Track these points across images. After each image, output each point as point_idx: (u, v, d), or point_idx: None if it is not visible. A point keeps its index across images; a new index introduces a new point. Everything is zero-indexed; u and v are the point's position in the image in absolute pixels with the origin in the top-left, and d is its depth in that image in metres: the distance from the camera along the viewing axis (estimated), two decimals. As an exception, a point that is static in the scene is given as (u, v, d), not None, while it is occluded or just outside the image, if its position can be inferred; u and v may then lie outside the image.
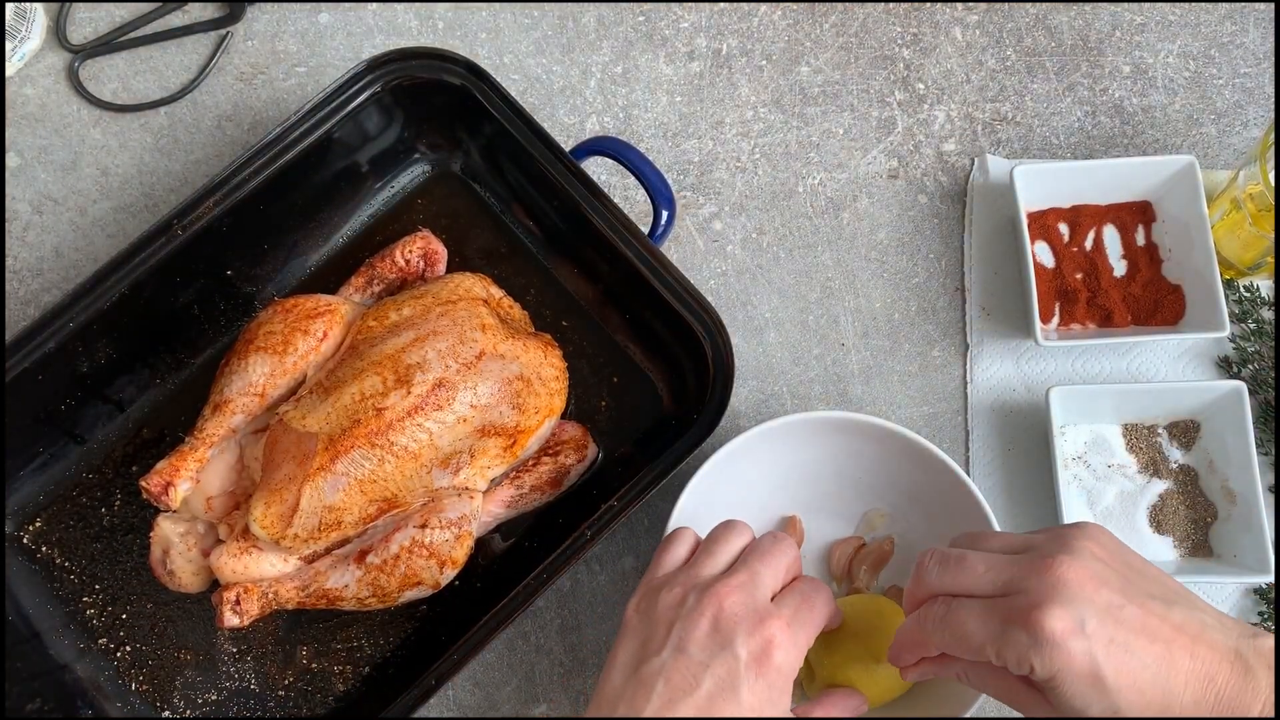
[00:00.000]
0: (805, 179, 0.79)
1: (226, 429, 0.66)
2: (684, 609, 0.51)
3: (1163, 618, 0.46)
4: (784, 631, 0.50)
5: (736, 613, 0.50)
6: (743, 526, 0.57)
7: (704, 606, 0.51)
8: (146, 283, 0.67)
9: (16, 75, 0.81)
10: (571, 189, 0.68)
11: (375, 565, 0.63)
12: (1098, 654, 0.45)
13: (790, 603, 0.53)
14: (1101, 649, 0.45)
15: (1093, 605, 0.46)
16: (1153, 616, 0.46)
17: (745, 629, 0.50)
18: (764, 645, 0.50)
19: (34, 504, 0.70)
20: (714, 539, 0.56)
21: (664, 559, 0.56)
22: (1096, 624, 0.45)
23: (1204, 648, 0.46)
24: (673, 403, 0.72)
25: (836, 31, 0.82)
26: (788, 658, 0.50)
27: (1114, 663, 0.45)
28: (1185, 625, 0.46)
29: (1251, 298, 0.75)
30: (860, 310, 0.77)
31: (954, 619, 0.49)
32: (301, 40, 0.82)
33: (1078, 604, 0.46)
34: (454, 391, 0.63)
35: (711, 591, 0.51)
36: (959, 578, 0.50)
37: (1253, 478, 0.69)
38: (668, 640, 0.50)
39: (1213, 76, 0.81)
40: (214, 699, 0.68)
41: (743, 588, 0.52)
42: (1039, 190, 0.75)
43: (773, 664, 0.49)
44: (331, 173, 0.72)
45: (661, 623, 0.51)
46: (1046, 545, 0.49)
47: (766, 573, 0.53)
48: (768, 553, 0.54)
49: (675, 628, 0.50)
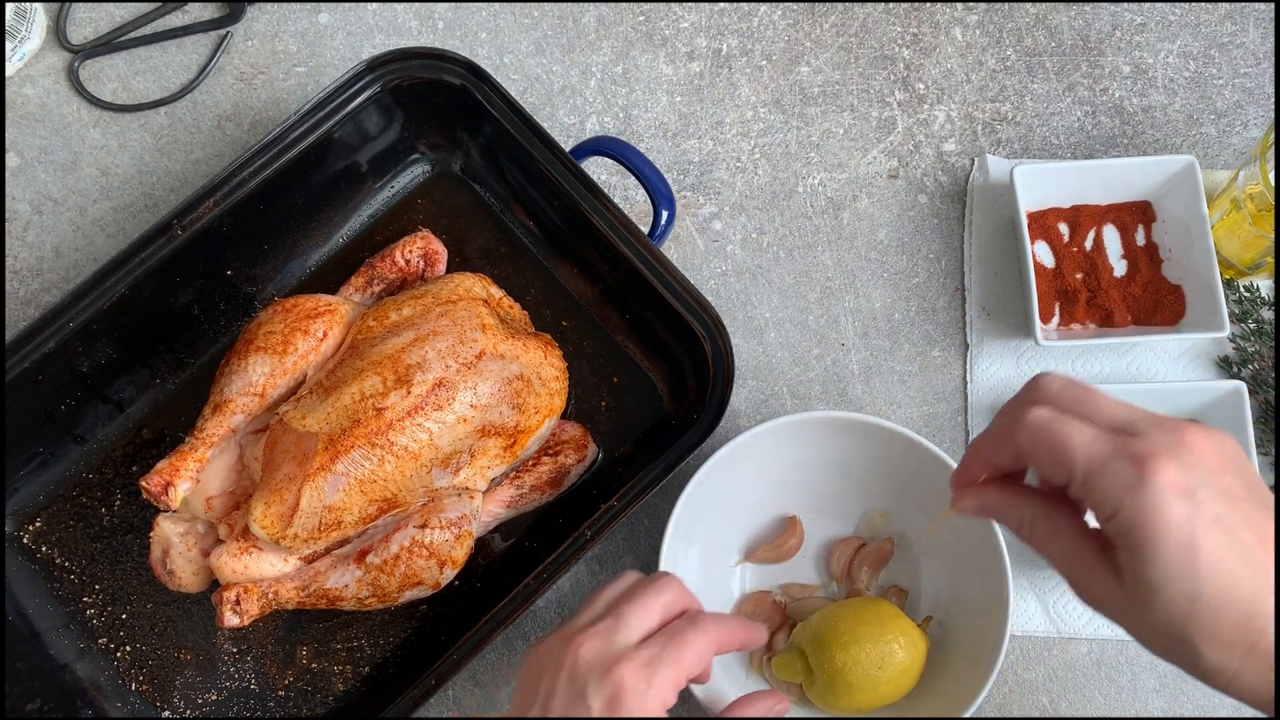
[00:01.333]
0: (805, 179, 0.79)
1: (226, 429, 0.66)
2: (550, 662, 0.51)
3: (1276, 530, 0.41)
4: (635, 674, 0.49)
5: (589, 660, 0.50)
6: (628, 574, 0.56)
7: (564, 657, 0.51)
8: (146, 283, 0.67)
9: (16, 75, 0.81)
10: (571, 189, 0.68)
11: (375, 565, 0.63)
12: (1199, 524, 0.40)
13: (655, 643, 0.51)
14: (1205, 522, 0.40)
15: (1211, 480, 0.41)
16: (1266, 522, 0.41)
17: (596, 677, 0.49)
18: (614, 691, 0.49)
19: (34, 504, 0.70)
20: (595, 590, 0.56)
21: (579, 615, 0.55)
22: (1209, 496, 0.40)
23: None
24: (673, 403, 0.72)
25: (836, 31, 0.82)
26: (642, 701, 0.49)
27: (1213, 542, 0.40)
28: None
29: (1251, 298, 0.75)
30: (860, 310, 0.77)
31: (1060, 424, 0.43)
32: (301, 40, 0.82)
33: (1197, 471, 0.41)
34: (454, 391, 0.63)
35: (571, 642, 0.51)
36: (1083, 399, 0.45)
37: (1253, 478, 0.69)
38: (537, 696, 0.51)
39: (1213, 76, 0.81)
40: (214, 699, 0.68)
41: (600, 634, 0.51)
42: (1039, 190, 0.75)
43: (624, 710, 0.48)
44: (331, 173, 0.72)
45: (533, 677, 0.52)
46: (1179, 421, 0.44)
47: (632, 613, 0.52)
48: (639, 594, 0.54)
49: (542, 682, 0.51)
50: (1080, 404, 0.45)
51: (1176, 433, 0.42)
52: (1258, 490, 0.43)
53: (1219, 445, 0.42)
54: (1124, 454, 0.41)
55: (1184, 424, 0.43)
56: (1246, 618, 0.40)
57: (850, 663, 0.61)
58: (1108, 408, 0.44)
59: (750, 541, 0.71)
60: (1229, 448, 0.43)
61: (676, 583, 0.55)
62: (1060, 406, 0.45)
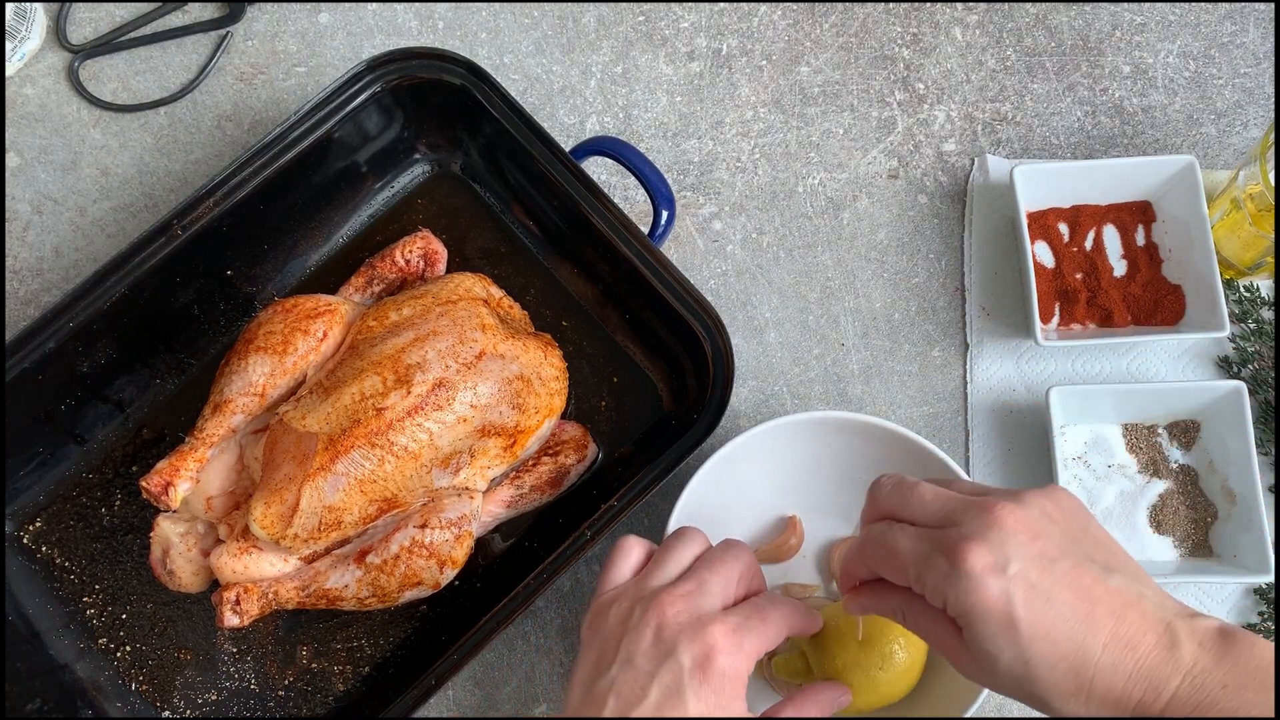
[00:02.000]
0: (805, 179, 0.79)
1: (226, 429, 0.66)
2: (630, 622, 0.51)
3: (1096, 579, 0.45)
4: (727, 637, 0.50)
5: (679, 621, 0.50)
6: (695, 535, 0.56)
7: (648, 617, 0.51)
8: (146, 283, 0.67)
9: (16, 75, 0.81)
10: (571, 189, 0.68)
11: (375, 565, 0.63)
12: (1015, 597, 0.44)
13: (740, 611, 0.52)
14: (1020, 593, 0.44)
15: (1022, 551, 0.45)
16: (1086, 575, 0.45)
17: (687, 636, 0.50)
18: (706, 651, 0.49)
19: (34, 504, 0.70)
20: (665, 549, 0.56)
21: (611, 572, 0.56)
22: (1020, 568, 0.45)
23: (1133, 614, 0.45)
24: (673, 403, 0.72)
25: (836, 31, 0.82)
26: (732, 663, 0.50)
27: (1031, 610, 0.44)
28: (1120, 591, 0.45)
29: (1251, 298, 0.75)
30: (860, 310, 0.77)
31: (889, 537, 0.49)
32: (301, 40, 0.82)
33: (1006, 546, 0.45)
34: (454, 391, 0.63)
35: (655, 602, 0.51)
36: (906, 501, 0.50)
37: (1253, 478, 0.69)
38: (617, 655, 0.50)
39: (1213, 76, 0.81)
40: (214, 699, 0.68)
41: (686, 596, 0.51)
42: (1039, 190, 0.75)
43: (716, 669, 0.49)
44: (331, 173, 0.72)
45: (611, 638, 0.51)
46: (999, 494, 0.48)
47: (715, 581, 0.53)
48: (717, 561, 0.54)
49: (623, 642, 0.51)
50: (905, 507, 0.50)
51: (986, 514, 0.46)
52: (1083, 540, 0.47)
53: (1030, 513, 0.46)
54: (939, 549, 0.46)
55: (994, 503, 0.47)
56: (1075, 669, 0.44)
57: (851, 664, 0.61)
58: (928, 502, 0.49)
59: (750, 541, 0.71)
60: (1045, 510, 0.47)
61: (749, 553, 0.56)
62: (891, 513, 0.50)
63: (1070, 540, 0.47)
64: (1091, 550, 0.47)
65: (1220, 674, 0.43)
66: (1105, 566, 0.46)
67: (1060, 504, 0.48)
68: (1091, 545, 0.47)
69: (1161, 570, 0.69)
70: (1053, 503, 0.48)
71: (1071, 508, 0.48)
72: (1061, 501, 0.48)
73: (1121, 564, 0.47)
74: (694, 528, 0.57)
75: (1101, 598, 0.45)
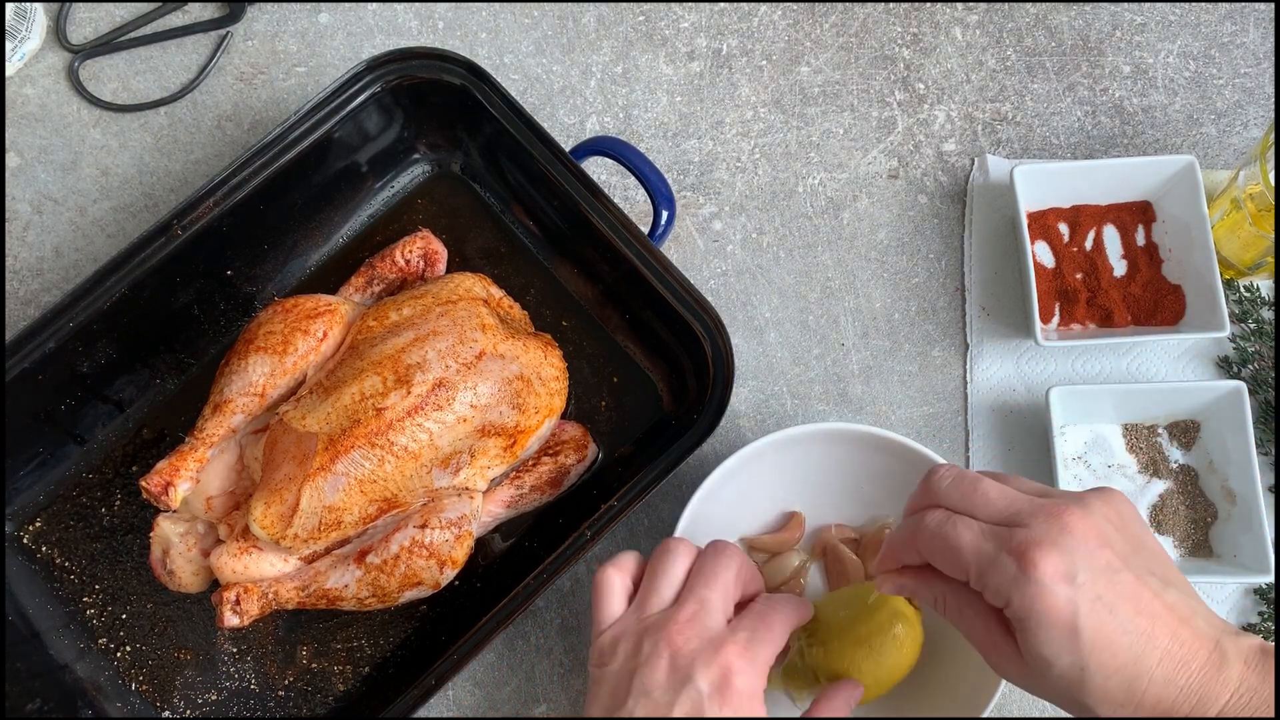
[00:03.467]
0: (805, 179, 0.79)
1: (226, 429, 0.66)
2: (641, 656, 0.51)
3: (1156, 594, 0.46)
4: (741, 657, 0.51)
5: (691, 648, 0.51)
6: (682, 547, 0.56)
7: (660, 649, 0.51)
8: (146, 283, 0.67)
9: (16, 75, 0.81)
10: (571, 189, 0.68)
11: (375, 565, 0.63)
12: (1081, 606, 0.45)
13: (746, 626, 0.53)
14: (1086, 603, 0.45)
15: (1090, 560, 0.46)
16: (1146, 589, 0.46)
17: (702, 661, 0.50)
18: (723, 674, 0.50)
19: (34, 504, 0.70)
20: (654, 570, 0.55)
21: (603, 610, 0.55)
22: (1088, 578, 0.45)
23: (1187, 631, 0.46)
24: (673, 403, 0.72)
25: (836, 31, 0.82)
26: (748, 682, 0.50)
27: (1095, 620, 0.45)
28: (1175, 607, 0.46)
29: (1251, 298, 0.75)
30: (860, 310, 0.77)
31: (950, 528, 0.49)
32: (301, 40, 0.82)
33: (1076, 555, 0.46)
34: (454, 391, 0.63)
35: (663, 633, 0.51)
36: (969, 496, 0.50)
37: (1253, 478, 0.69)
38: (631, 689, 0.51)
39: (1213, 76, 0.81)
40: (214, 699, 0.68)
41: (692, 620, 0.52)
42: (1039, 190, 0.75)
43: (734, 690, 0.50)
44: (331, 173, 0.72)
45: (624, 673, 0.52)
46: (1065, 496, 0.49)
47: (715, 597, 0.53)
48: (712, 574, 0.54)
49: (636, 676, 0.51)
50: (967, 501, 0.50)
51: (1056, 518, 0.47)
52: (1141, 551, 0.48)
53: (1097, 520, 0.47)
54: (1007, 549, 0.46)
55: (1063, 507, 0.47)
56: (1130, 681, 0.45)
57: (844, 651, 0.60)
58: (993, 500, 0.49)
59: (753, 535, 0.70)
60: (1109, 517, 0.48)
61: (737, 551, 0.56)
62: (950, 505, 0.50)
63: (1130, 550, 0.47)
64: (1148, 561, 0.48)
65: (1266, 692, 0.45)
66: (1163, 580, 0.47)
67: (1120, 511, 0.49)
68: (1149, 557, 0.48)
69: (1161, 570, 0.69)
70: (1113, 509, 0.48)
71: (1129, 515, 0.49)
72: (1121, 508, 0.49)
73: (1175, 578, 0.48)
74: (679, 539, 0.57)
75: (1160, 613, 0.46)
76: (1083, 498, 0.48)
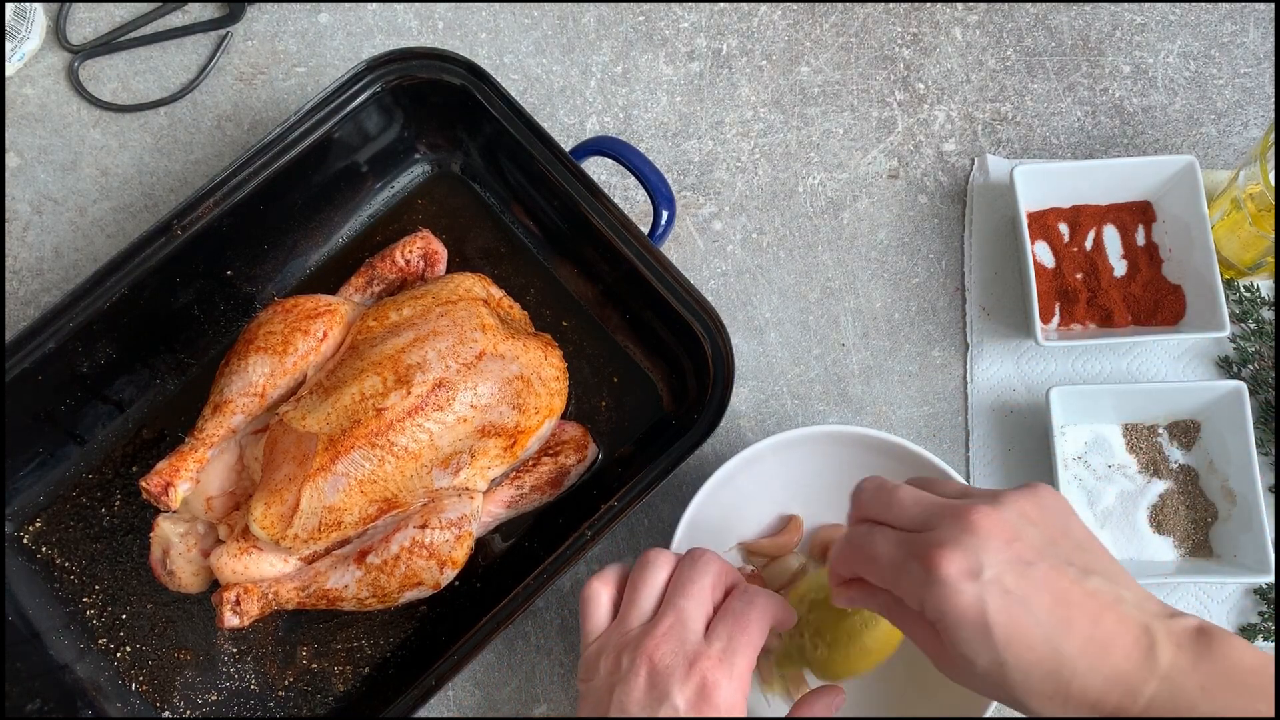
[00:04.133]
0: (805, 179, 0.79)
1: (226, 429, 0.66)
2: (620, 672, 0.51)
3: (1074, 582, 0.45)
4: (718, 669, 0.50)
5: (668, 663, 0.50)
6: (661, 557, 0.56)
7: (637, 665, 0.51)
8: (146, 283, 0.67)
9: (16, 75, 0.81)
10: (571, 189, 0.68)
11: (375, 565, 0.63)
12: (989, 602, 0.44)
13: (722, 633, 0.52)
14: (994, 598, 0.44)
15: (997, 556, 0.45)
16: (1063, 579, 0.45)
17: (679, 678, 0.50)
18: (700, 688, 0.50)
19: (34, 504, 0.70)
20: (634, 583, 0.55)
21: (589, 623, 0.55)
22: (995, 573, 0.44)
23: (1110, 617, 0.44)
24: (673, 403, 0.72)
25: (836, 31, 0.82)
26: (727, 694, 0.50)
27: (1005, 614, 0.44)
28: (1097, 594, 0.45)
29: (1251, 298, 0.75)
30: (860, 310, 0.77)
31: (868, 540, 0.49)
32: (301, 40, 0.82)
33: (981, 552, 0.45)
34: (454, 391, 0.63)
35: (640, 648, 0.51)
36: (887, 505, 0.50)
37: (1253, 478, 0.69)
38: (611, 705, 0.51)
39: (1213, 76, 0.81)
40: (214, 699, 0.68)
41: (669, 634, 0.52)
42: (1039, 190, 0.75)
43: (712, 703, 0.50)
44: (331, 173, 0.72)
45: (604, 690, 0.52)
46: (979, 496, 0.48)
47: (691, 606, 0.53)
48: (688, 583, 0.54)
49: (616, 692, 0.51)
50: (885, 510, 0.50)
51: (960, 518, 0.46)
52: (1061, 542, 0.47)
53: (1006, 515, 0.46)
54: (914, 555, 0.46)
55: (970, 506, 0.46)
56: (1052, 673, 0.44)
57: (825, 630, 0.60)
58: (907, 507, 0.49)
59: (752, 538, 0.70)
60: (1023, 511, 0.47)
61: (714, 557, 0.56)
62: (872, 516, 0.50)
63: (1048, 542, 0.46)
64: (1070, 552, 0.46)
65: (1199, 676, 0.43)
66: (1084, 569, 0.46)
67: (1041, 503, 0.48)
68: (1071, 547, 0.47)
69: (1161, 570, 0.69)
70: (1033, 503, 0.47)
71: (1053, 507, 0.48)
72: (1043, 501, 0.48)
73: (1101, 566, 0.47)
74: (659, 549, 0.57)
75: (1078, 601, 0.45)
76: (999, 495, 0.47)
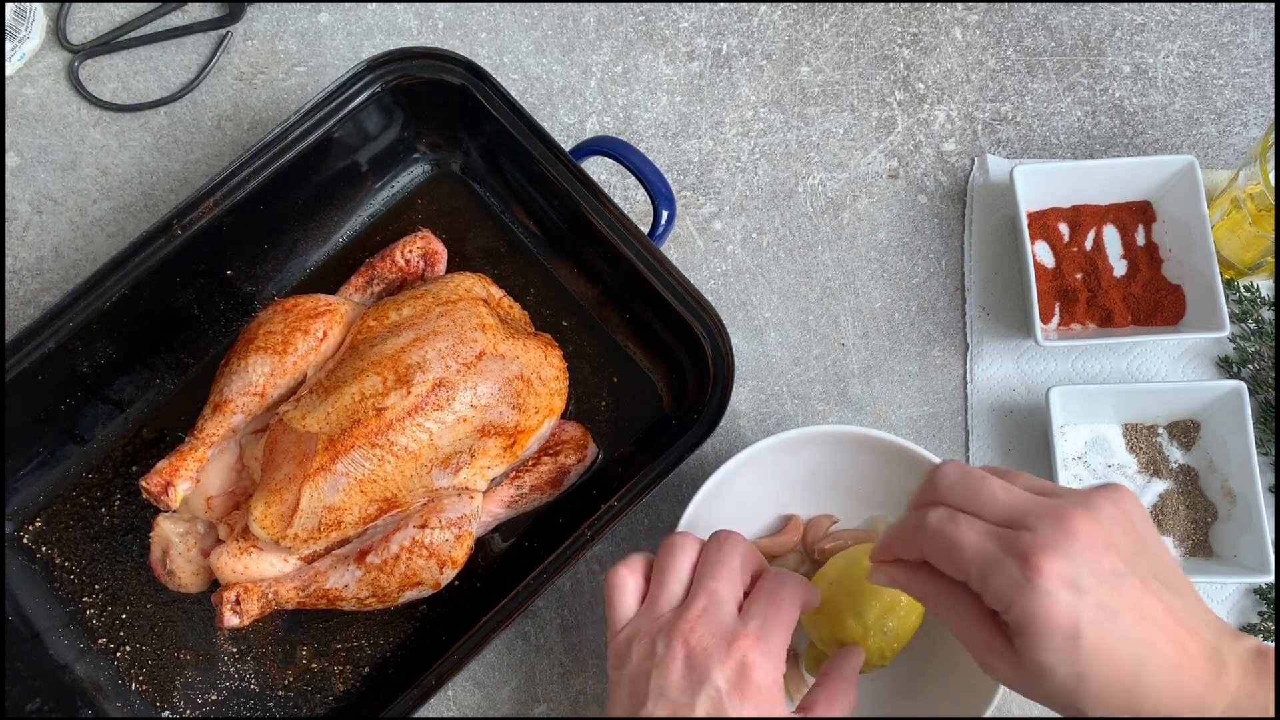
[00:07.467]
0: (805, 179, 0.79)
1: (226, 429, 0.66)
2: (656, 657, 0.51)
3: (1158, 597, 0.45)
4: (756, 648, 0.50)
5: (705, 645, 0.51)
6: (686, 542, 0.56)
7: (674, 649, 0.51)
8: (146, 283, 0.67)
9: (16, 75, 0.81)
10: (571, 189, 0.68)
11: (375, 565, 0.63)
12: (1083, 614, 0.44)
13: (757, 613, 0.52)
14: (1089, 610, 0.44)
15: (1095, 566, 0.45)
16: (1149, 595, 0.45)
17: (718, 658, 0.50)
18: (740, 669, 0.50)
19: (34, 504, 0.70)
20: (661, 567, 0.55)
21: (616, 610, 0.55)
22: (1093, 584, 0.44)
23: (1188, 636, 0.45)
24: (673, 403, 0.72)
25: (836, 31, 0.82)
26: (766, 673, 0.50)
27: (1096, 629, 0.44)
28: (1175, 610, 0.45)
29: (1251, 298, 0.75)
30: (860, 310, 0.77)
31: (953, 528, 0.47)
32: (301, 40, 0.82)
33: (1081, 560, 0.44)
34: (454, 391, 0.63)
35: (676, 631, 0.51)
36: (974, 494, 0.48)
37: (1253, 478, 0.69)
38: (649, 691, 0.50)
39: (1213, 76, 0.81)
40: (214, 699, 0.68)
41: (704, 615, 0.52)
42: (1039, 190, 0.75)
43: (753, 683, 0.50)
44: (331, 173, 0.72)
45: (640, 676, 0.51)
46: (1070, 496, 0.48)
47: (723, 587, 0.53)
48: (718, 564, 0.54)
49: (653, 678, 0.51)
50: (973, 500, 0.48)
51: (1061, 522, 0.45)
52: (1146, 553, 0.47)
53: (1104, 522, 0.46)
54: (1011, 553, 0.45)
55: (1069, 509, 0.46)
56: (1128, 690, 0.44)
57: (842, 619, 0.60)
58: (998, 500, 0.48)
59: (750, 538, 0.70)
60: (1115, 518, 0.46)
61: (740, 539, 0.55)
62: (954, 503, 0.49)
63: (1135, 552, 0.46)
64: (1151, 563, 0.47)
65: (1262, 698, 0.45)
66: (1164, 582, 0.46)
67: (1125, 509, 0.47)
68: (1153, 559, 0.47)
69: (1161, 570, 0.69)
70: (1119, 507, 0.47)
71: (1135, 514, 0.48)
72: (1126, 506, 0.48)
73: (1178, 581, 0.47)
74: (682, 533, 0.57)
75: (1160, 618, 0.45)
76: (1089, 498, 0.47)
